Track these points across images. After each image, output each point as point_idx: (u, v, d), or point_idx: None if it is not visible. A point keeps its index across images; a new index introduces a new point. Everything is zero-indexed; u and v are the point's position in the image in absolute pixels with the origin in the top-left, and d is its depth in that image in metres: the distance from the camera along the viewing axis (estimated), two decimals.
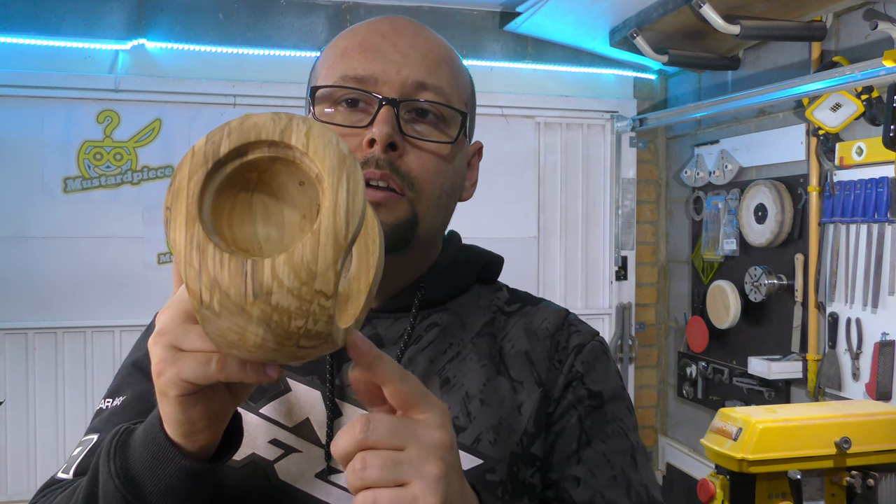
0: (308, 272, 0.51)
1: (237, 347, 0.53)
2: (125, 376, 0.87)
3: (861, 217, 2.48)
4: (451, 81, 0.82)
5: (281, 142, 0.54)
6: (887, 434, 1.99)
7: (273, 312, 0.51)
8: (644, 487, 0.81)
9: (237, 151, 0.54)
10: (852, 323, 2.53)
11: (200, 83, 3.08)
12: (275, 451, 0.78)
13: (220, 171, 0.55)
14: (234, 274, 0.51)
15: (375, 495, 0.55)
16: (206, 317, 0.52)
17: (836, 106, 2.52)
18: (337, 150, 0.54)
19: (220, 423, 0.63)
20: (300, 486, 0.76)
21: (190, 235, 0.52)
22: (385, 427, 0.57)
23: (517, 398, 0.81)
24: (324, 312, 0.52)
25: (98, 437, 0.80)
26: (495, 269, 0.93)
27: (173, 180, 0.54)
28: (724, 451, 1.94)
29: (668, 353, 3.65)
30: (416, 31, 0.82)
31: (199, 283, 0.51)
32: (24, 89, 2.92)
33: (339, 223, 0.52)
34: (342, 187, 0.52)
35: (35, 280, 2.97)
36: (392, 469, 0.56)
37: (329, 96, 0.80)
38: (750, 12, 2.57)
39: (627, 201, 3.58)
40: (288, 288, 0.51)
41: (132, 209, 3.06)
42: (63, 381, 3.01)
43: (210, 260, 0.51)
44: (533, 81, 3.44)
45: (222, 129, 0.55)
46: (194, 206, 0.53)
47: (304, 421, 0.79)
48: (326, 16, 3.22)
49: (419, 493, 0.56)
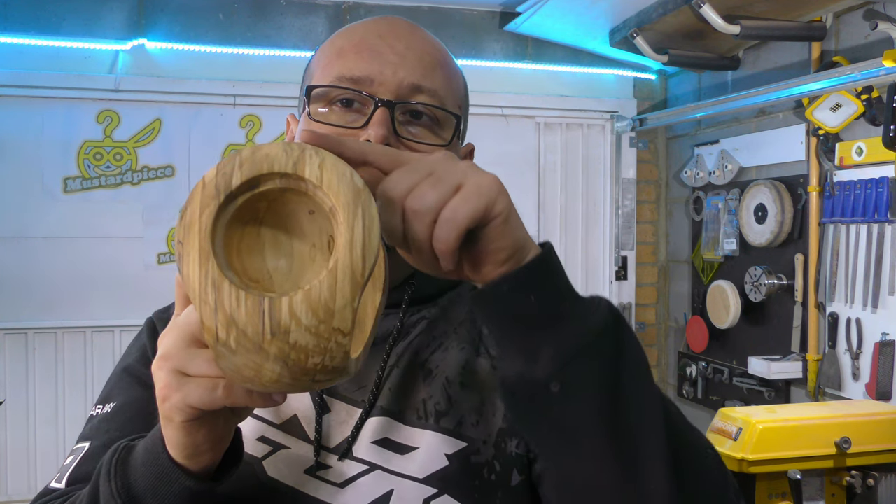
0: (326, 310, 0.51)
1: (252, 382, 0.53)
2: (116, 382, 0.87)
3: (861, 217, 2.48)
4: (445, 84, 0.82)
5: (294, 174, 0.54)
6: (887, 434, 1.99)
7: (291, 351, 0.51)
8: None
9: (249, 183, 0.54)
10: (852, 323, 2.53)
11: (200, 83, 3.08)
12: (263, 449, 0.78)
13: (232, 203, 0.54)
14: (252, 312, 0.50)
15: (450, 207, 0.55)
16: (222, 353, 0.52)
17: (836, 106, 2.52)
18: (352, 184, 0.53)
19: (223, 444, 0.64)
20: (289, 482, 0.76)
21: (205, 272, 0.52)
22: (404, 169, 0.57)
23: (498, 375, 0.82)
24: (340, 349, 0.52)
25: (89, 444, 0.80)
26: None
27: (184, 213, 0.53)
28: (724, 451, 1.94)
29: (668, 353, 3.65)
30: (412, 33, 0.82)
31: (216, 321, 0.51)
32: (24, 89, 2.92)
33: (356, 260, 0.51)
34: (358, 223, 0.52)
35: (35, 280, 2.97)
36: (440, 182, 0.55)
37: (324, 96, 0.80)
38: (750, 12, 2.57)
39: (627, 201, 3.58)
40: (306, 326, 0.50)
41: (132, 209, 3.06)
42: (63, 381, 3.01)
43: (226, 297, 0.51)
44: (533, 81, 3.44)
45: (233, 160, 0.54)
46: (207, 240, 0.52)
47: (291, 418, 0.79)
48: (326, 16, 3.22)
49: (475, 180, 0.56)
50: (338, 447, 0.78)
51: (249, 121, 3.16)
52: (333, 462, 0.77)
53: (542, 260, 0.59)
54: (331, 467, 0.77)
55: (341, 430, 0.79)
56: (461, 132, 0.86)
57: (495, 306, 0.59)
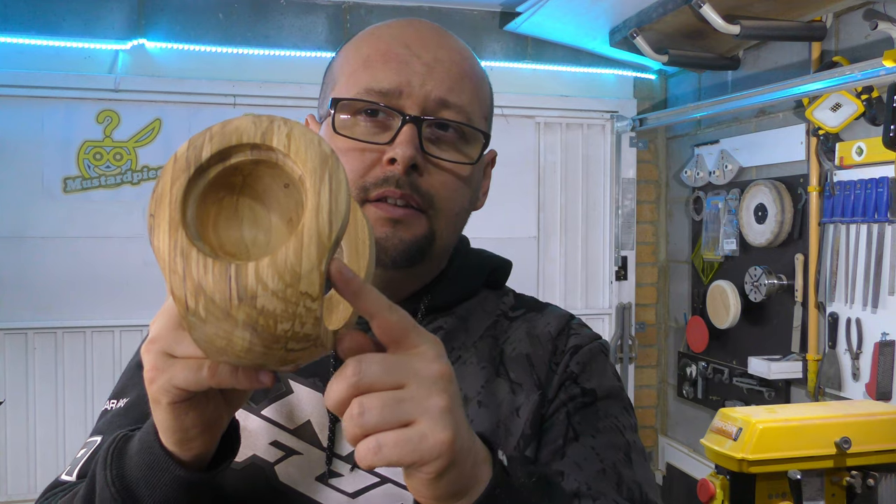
0: (292, 274, 0.50)
1: (226, 353, 0.52)
2: (130, 377, 0.87)
3: (861, 217, 2.48)
4: (472, 97, 0.81)
5: (262, 144, 0.54)
6: (887, 434, 1.99)
7: (259, 316, 0.50)
8: (637, 485, 0.77)
9: (219, 155, 0.54)
10: (852, 323, 2.53)
11: (200, 83, 3.08)
12: (275, 453, 0.77)
13: (203, 175, 0.54)
14: (219, 279, 0.50)
15: (378, 440, 0.52)
16: (193, 323, 0.51)
17: (836, 106, 2.52)
18: (319, 151, 0.53)
19: (214, 430, 0.62)
20: (300, 488, 0.76)
21: (173, 241, 0.52)
22: (378, 365, 0.53)
23: (516, 400, 0.80)
24: (310, 314, 0.51)
25: (101, 438, 0.80)
26: (503, 274, 0.93)
27: (156, 186, 0.53)
28: (724, 451, 1.94)
29: (668, 353, 3.65)
30: (439, 42, 0.81)
31: (185, 289, 0.51)
32: (24, 89, 2.92)
33: (322, 224, 0.51)
34: (324, 187, 0.52)
35: (35, 280, 2.97)
36: (394, 408, 0.52)
37: (350, 106, 0.80)
38: (750, 12, 2.57)
39: (627, 201, 3.58)
40: (272, 291, 0.50)
41: (132, 209, 3.06)
42: (63, 381, 3.01)
43: (194, 265, 0.51)
44: (533, 81, 3.44)
45: (203, 134, 0.54)
46: (177, 211, 0.52)
47: (305, 423, 0.79)
48: (326, 16, 3.22)
49: (426, 429, 0.53)
50: (349, 456, 0.77)
51: None
52: (345, 471, 0.77)
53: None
54: (343, 476, 0.77)
55: None
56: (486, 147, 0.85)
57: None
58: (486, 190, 0.91)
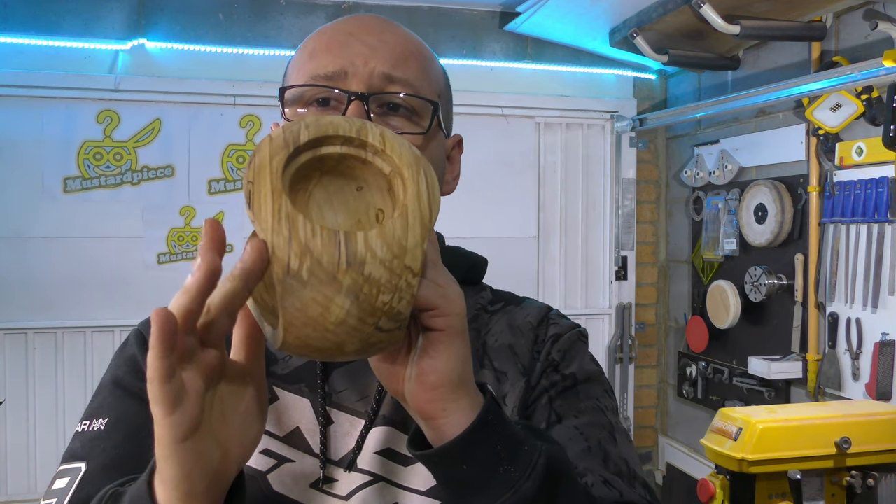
0: (399, 246, 0.53)
1: (315, 324, 0.52)
2: (105, 396, 0.82)
3: (861, 217, 2.48)
4: (419, 73, 0.79)
5: (357, 138, 0.57)
6: (887, 434, 1.99)
7: (364, 283, 0.51)
8: (623, 461, 0.78)
9: (314, 142, 0.56)
10: (852, 323, 2.53)
11: (200, 83, 3.07)
12: (267, 462, 0.77)
13: (295, 160, 0.55)
14: (327, 242, 0.51)
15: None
16: (291, 286, 0.51)
17: (836, 106, 2.52)
18: (411, 150, 0.58)
19: (219, 485, 0.56)
20: (295, 496, 0.76)
21: (278, 206, 0.52)
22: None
23: (501, 389, 0.81)
24: (409, 290, 0.53)
25: (86, 466, 0.75)
26: (479, 271, 0.92)
27: (253, 159, 0.54)
28: (724, 451, 1.94)
29: (668, 353, 3.65)
30: (383, 27, 0.80)
31: (289, 250, 0.51)
32: (24, 89, 2.92)
33: (423, 207, 0.55)
34: (422, 179, 0.56)
35: (35, 280, 2.97)
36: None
37: (300, 97, 0.79)
38: (750, 12, 2.57)
39: (627, 201, 3.58)
40: (381, 259, 0.52)
41: (132, 209, 3.06)
42: (63, 381, 3.01)
43: (301, 228, 0.51)
44: (533, 81, 3.44)
45: (298, 123, 0.56)
46: (279, 181, 0.53)
47: (294, 430, 0.78)
48: (326, 16, 3.22)
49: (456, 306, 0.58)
50: (342, 459, 0.77)
51: (249, 121, 3.16)
52: (339, 475, 0.77)
53: (475, 429, 0.59)
54: (337, 481, 0.76)
55: (345, 442, 0.78)
56: (443, 122, 0.83)
57: (433, 472, 0.62)
58: (456, 175, 0.89)
